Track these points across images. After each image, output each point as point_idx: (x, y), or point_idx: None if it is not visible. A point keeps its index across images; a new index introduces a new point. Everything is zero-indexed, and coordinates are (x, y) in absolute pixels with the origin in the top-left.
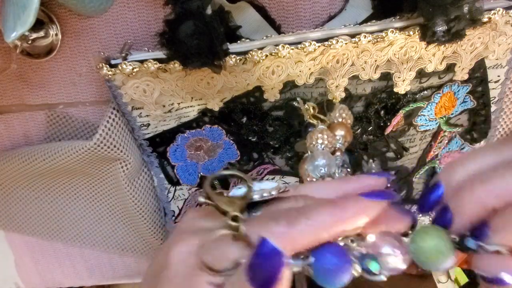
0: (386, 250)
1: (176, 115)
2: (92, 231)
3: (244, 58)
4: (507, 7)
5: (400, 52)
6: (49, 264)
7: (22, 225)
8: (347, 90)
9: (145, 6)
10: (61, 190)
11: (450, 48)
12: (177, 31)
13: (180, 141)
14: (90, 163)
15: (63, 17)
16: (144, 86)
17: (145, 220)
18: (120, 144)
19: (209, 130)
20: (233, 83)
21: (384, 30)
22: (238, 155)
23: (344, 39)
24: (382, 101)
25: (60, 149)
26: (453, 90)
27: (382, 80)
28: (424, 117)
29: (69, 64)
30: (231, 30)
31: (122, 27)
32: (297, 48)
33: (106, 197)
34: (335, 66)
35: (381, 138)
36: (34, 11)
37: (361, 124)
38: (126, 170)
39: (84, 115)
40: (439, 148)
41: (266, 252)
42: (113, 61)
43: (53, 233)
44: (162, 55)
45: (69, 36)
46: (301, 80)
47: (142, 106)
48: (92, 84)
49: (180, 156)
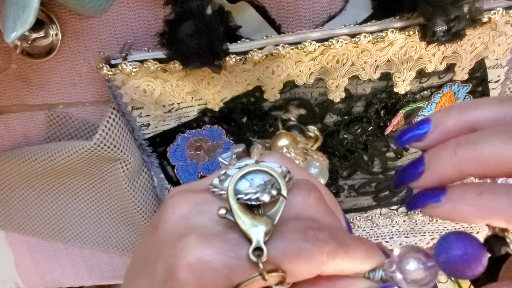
0: (412, 266)
1: (176, 115)
2: (92, 231)
3: (244, 58)
4: (507, 7)
5: (400, 52)
6: (49, 264)
7: (22, 225)
8: (347, 90)
9: (145, 6)
10: (61, 190)
11: (450, 48)
12: (177, 31)
13: (180, 141)
14: (90, 163)
15: (63, 17)
16: (144, 86)
17: (145, 220)
18: (120, 144)
19: (209, 130)
20: (233, 83)
21: (384, 30)
22: None
23: (344, 39)
24: (382, 101)
25: (60, 149)
26: (453, 90)
27: (382, 80)
28: None
29: (69, 64)
30: (231, 30)
31: (122, 27)
32: (297, 48)
33: (106, 197)
34: (335, 66)
35: (381, 138)
36: (34, 11)
37: (361, 124)
38: (126, 170)
39: (84, 115)
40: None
41: None
42: (113, 61)
43: (53, 233)
44: (162, 55)
45: (69, 36)
46: (301, 80)
47: (142, 106)
48: (92, 84)
49: (180, 156)
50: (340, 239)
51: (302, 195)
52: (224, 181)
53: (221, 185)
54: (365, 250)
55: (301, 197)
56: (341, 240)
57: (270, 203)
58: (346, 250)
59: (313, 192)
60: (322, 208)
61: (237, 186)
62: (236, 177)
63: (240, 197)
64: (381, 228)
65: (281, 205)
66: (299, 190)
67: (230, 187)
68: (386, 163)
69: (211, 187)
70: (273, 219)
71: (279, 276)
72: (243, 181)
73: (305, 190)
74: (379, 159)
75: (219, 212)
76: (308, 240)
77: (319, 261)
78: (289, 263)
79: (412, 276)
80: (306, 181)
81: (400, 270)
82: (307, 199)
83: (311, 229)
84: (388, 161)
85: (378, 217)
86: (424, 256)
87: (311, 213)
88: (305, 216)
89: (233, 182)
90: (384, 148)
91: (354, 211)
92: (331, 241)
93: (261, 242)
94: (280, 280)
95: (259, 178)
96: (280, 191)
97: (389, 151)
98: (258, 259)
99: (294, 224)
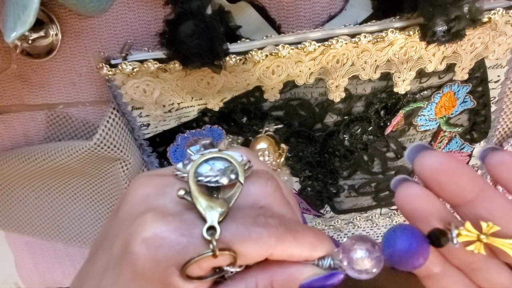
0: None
1: (176, 115)
2: (92, 231)
3: (244, 58)
4: (507, 7)
5: (400, 52)
6: (49, 264)
7: (22, 225)
8: (347, 90)
9: (145, 6)
10: (61, 190)
11: (450, 48)
12: (177, 31)
13: (180, 141)
14: (90, 163)
15: (63, 17)
16: (144, 86)
17: None
18: (120, 144)
19: (209, 130)
20: (233, 83)
21: (384, 30)
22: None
23: (344, 39)
24: (382, 101)
25: (60, 149)
26: (453, 90)
27: (382, 80)
28: (424, 117)
29: (69, 64)
30: (231, 30)
31: (122, 27)
32: (297, 48)
33: (106, 197)
34: (335, 66)
35: (381, 138)
36: (34, 11)
37: (361, 124)
38: (126, 170)
39: (84, 115)
40: (439, 148)
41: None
42: (113, 61)
43: (53, 233)
44: (162, 55)
45: (69, 36)
46: (301, 80)
47: (142, 106)
48: (92, 84)
49: (180, 156)
50: (289, 225)
51: (260, 183)
52: (187, 165)
53: (184, 169)
54: (314, 237)
55: (259, 185)
56: (291, 226)
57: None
58: (294, 236)
59: (270, 181)
60: (278, 197)
61: (198, 169)
62: (198, 161)
63: (200, 179)
64: (381, 228)
65: (238, 189)
66: (257, 179)
67: (191, 170)
68: (386, 163)
69: (175, 171)
70: (228, 202)
71: (230, 256)
72: (205, 165)
73: (263, 179)
74: (379, 159)
75: (178, 192)
76: (259, 224)
77: (267, 244)
78: (239, 244)
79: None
80: (265, 172)
81: (347, 259)
82: (264, 188)
83: (263, 216)
84: (388, 161)
85: (378, 217)
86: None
87: (267, 201)
88: (261, 203)
89: (194, 166)
90: (384, 148)
91: (354, 211)
92: (280, 227)
93: (215, 222)
94: (232, 262)
95: (220, 164)
96: (237, 177)
97: (389, 151)
98: (211, 237)
99: (248, 210)
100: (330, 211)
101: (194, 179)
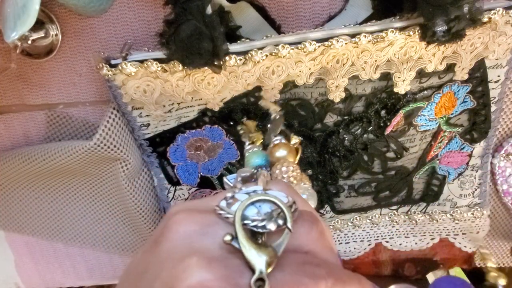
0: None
1: (176, 115)
2: (92, 231)
3: (244, 58)
4: (507, 7)
5: (400, 52)
6: (49, 264)
7: (22, 225)
8: (347, 90)
9: (145, 6)
10: (61, 190)
11: (450, 48)
12: (177, 31)
13: (180, 141)
14: (90, 163)
15: (63, 17)
16: (144, 86)
17: (145, 220)
18: (120, 144)
19: (209, 130)
20: (233, 83)
21: (384, 30)
22: (238, 155)
23: (344, 39)
24: (382, 101)
25: (60, 149)
26: (453, 90)
27: (382, 80)
28: (424, 117)
29: (69, 64)
30: (231, 30)
31: (122, 27)
32: (297, 48)
33: (106, 197)
34: (335, 66)
35: (381, 138)
36: (34, 11)
37: (361, 124)
38: (126, 170)
39: (84, 115)
40: (439, 148)
41: None
42: (113, 61)
43: (53, 233)
44: (162, 55)
45: (69, 36)
46: (301, 80)
47: (142, 106)
48: (92, 84)
49: (180, 156)
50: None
51: (306, 227)
52: (232, 204)
53: (228, 209)
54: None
55: (304, 229)
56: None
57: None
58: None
59: (315, 225)
60: (323, 242)
61: (244, 212)
62: (245, 204)
63: (246, 223)
64: (381, 228)
65: (286, 237)
66: (303, 222)
67: (238, 214)
68: (386, 163)
69: (218, 209)
70: (277, 251)
71: None
72: (251, 207)
73: (309, 222)
74: (379, 159)
75: (225, 238)
76: (307, 275)
77: None
78: None
79: None
80: (310, 213)
81: None
82: (310, 232)
83: (310, 264)
84: (388, 161)
85: (378, 217)
86: None
87: (312, 246)
88: (305, 248)
89: (241, 209)
90: (384, 148)
91: (354, 211)
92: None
93: (264, 273)
94: None
95: (267, 206)
96: (285, 222)
97: (389, 151)
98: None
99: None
100: (330, 211)
101: (240, 223)
